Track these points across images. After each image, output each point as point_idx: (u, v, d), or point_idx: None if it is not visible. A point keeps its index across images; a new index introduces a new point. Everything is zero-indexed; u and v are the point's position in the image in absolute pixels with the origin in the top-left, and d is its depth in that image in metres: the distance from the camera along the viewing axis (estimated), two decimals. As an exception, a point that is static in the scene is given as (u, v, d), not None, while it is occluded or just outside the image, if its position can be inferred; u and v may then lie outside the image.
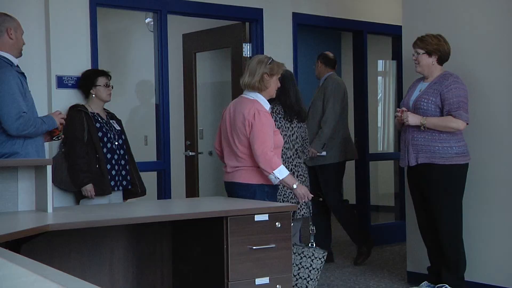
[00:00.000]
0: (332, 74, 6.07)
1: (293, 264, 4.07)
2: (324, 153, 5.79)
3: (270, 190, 4.19)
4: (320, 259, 4.16)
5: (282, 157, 4.57)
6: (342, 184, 6.16)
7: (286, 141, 4.86)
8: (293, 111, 4.94)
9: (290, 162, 4.92)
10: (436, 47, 4.54)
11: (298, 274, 4.16)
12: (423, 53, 4.56)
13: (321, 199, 4.32)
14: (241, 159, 4.13)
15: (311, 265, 4.14)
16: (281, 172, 4.04)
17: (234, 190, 4.21)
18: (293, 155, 4.96)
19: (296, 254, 4.16)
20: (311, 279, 4.16)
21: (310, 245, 4.22)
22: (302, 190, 4.13)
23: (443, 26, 4.85)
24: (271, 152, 4.04)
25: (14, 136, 3.88)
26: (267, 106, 4.18)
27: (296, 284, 4.16)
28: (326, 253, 4.26)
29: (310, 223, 4.31)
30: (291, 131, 4.95)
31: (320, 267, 4.18)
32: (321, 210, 5.85)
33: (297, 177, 4.87)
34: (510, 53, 4.62)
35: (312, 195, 4.27)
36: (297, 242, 4.13)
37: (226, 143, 4.25)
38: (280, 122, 4.90)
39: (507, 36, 4.63)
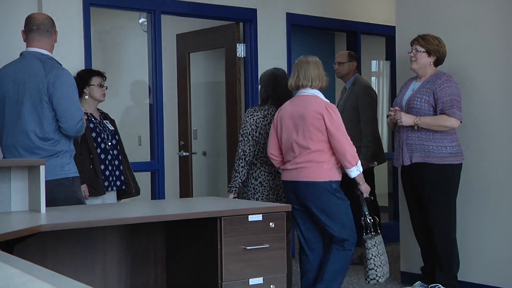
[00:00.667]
0: (358, 76, 5.94)
1: (381, 253, 4.32)
2: (375, 163, 5.66)
3: (337, 187, 4.18)
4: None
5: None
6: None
7: None
8: None
9: None
10: (436, 48, 4.54)
11: (386, 260, 4.39)
12: (423, 52, 4.55)
13: (372, 198, 4.44)
14: (310, 154, 4.13)
15: (384, 250, 4.38)
16: (360, 166, 4.18)
17: (298, 188, 4.20)
18: None
19: (379, 242, 4.33)
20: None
21: (379, 232, 4.39)
22: (366, 186, 4.29)
23: (436, 27, 4.86)
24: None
25: (69, 136, 3.93)
26: (327, 101, 4.25)
27: (385, 272, 4.38)
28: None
29: (367, 212, 4.38)
30: None
31: None
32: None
33: None
34: (503, 53, 4.63)
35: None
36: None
37: (289, 144, 4.22)
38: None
39: (500, 36, 4.64)
